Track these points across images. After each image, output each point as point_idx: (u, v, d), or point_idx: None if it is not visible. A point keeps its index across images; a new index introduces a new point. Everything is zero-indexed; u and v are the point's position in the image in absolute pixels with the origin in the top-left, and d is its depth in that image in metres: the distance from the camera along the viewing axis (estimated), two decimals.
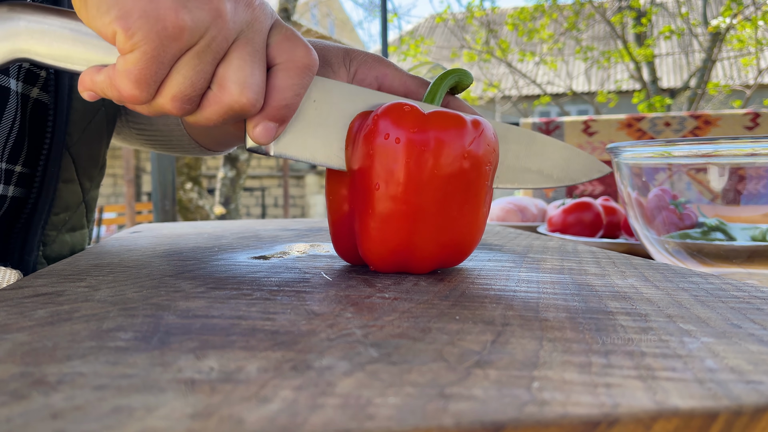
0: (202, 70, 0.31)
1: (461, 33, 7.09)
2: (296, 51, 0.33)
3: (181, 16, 0.29)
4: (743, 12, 5.13)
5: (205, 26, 0.30)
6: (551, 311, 0.28)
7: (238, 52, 0.31)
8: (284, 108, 0.34)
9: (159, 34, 0.29)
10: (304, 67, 0.33)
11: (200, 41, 0.30)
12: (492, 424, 0.16)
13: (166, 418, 0.16)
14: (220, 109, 0.33)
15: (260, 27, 0.32)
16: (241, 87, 0.32)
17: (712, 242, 0.54)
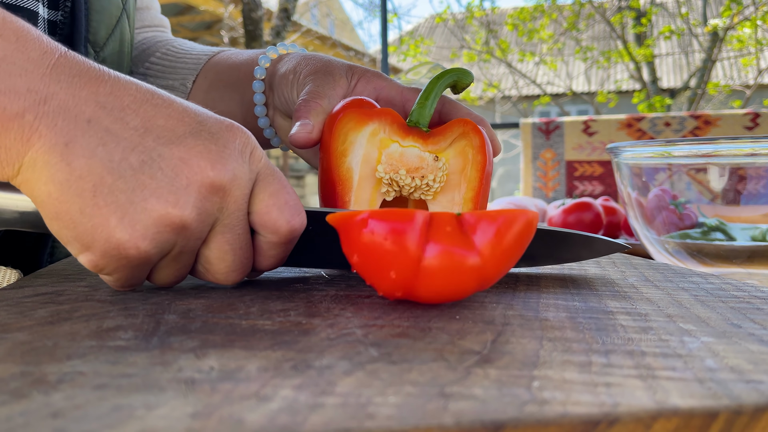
0: (182, 266, 0.30)
1: (461, 33, 7.09)
2: (282, 226, 0.30)
3: (143, 248, 0.27)
4: (743, 12, 5.13)
5: (171, 244, 0.28)
6: (551, 311, 0.28)
7: (217, 242, 0.29)
8: (270, 269, 0.33)
9: (126, 267, 0.28)
10: (290, 240, 0.31)
11: (171, 252, 0.28)
12: (492, 424, 0.16)
13: (166, 418, 0.16)
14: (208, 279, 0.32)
15: (236, 207, 0.29)
16: (225, 275, 0.31)
17: (712, 242, 0.54)
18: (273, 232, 0.30)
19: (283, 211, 0.30)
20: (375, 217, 0.26)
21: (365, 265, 0.28)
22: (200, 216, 0.27)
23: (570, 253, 0.39)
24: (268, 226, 0.30)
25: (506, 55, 6.62)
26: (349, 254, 0.28)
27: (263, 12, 4.54)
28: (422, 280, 0.26)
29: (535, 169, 1.53)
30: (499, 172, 7.41)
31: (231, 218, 0.29)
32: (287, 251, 0.32)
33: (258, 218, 0.30)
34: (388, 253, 0.26)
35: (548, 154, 1.52)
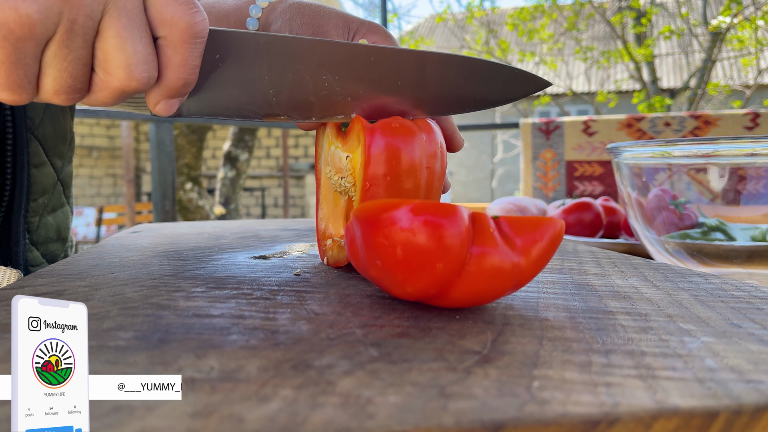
0: (75, 58, 0.27)
1: (461, 33, 7.09)
2: (179, 17, 0.28)
3: (25, 12, 0.25)
4: (743, 12, 5.13)
5: (57, 11, 0.25)
6: (551, 311, 0.28)
7: (113, 27, 0.27)
8: (181, 86, 0.31)
9: (7, 39, 0.25)
10: (193, 37, 0.29)
11: (59, 29, 0.26)
12: (492, 423, 0.16)
13: (166, 417, 0.16)
14: (112, 93, 0.29)
15: None
16: (126, 70, 0.28)
17: (712, 242, 0.54)
18: (172, 26, 0.29)
19: (182, 4, 0.29)
20: (419, 212, 0.25)
21: (395, 261, 0.26)
22: None
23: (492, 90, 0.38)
24: (166, 19, 0.28)
25: (506, 55, 6.62)
26: (375, 249, 0.26)
27: None
28: (464, 280, 0.26)
29: (535, 169, 1.53)
30: (500, 172, 7.41)
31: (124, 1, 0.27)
32: (193, 57, 0.30)
33: (155, 12, 0.28)
34: (432, 250, 0.25)
35: (548, 154, 1.52)
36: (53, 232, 0.55)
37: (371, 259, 0.27)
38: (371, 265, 0.27)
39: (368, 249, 0.27)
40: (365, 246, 0.27)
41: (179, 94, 0.32)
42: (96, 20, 0.27)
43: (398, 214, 0.25)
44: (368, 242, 0.27)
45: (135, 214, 4.12)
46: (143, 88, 0.30)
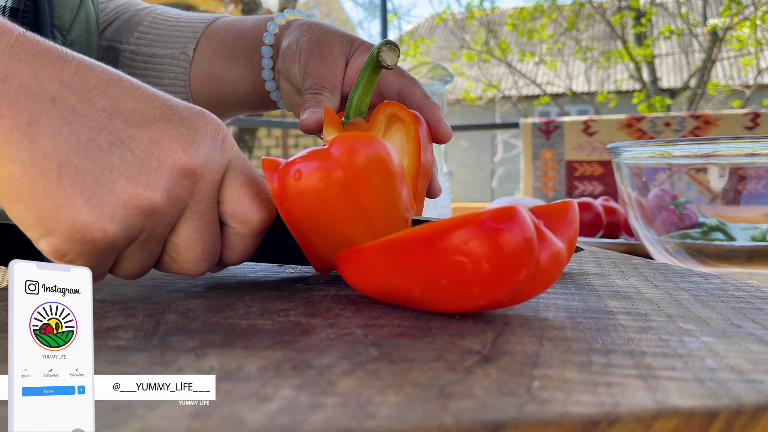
0: (149, 256, 0.28)
1: (461, 33, 7.09)
2: (251, 218, 0.30)
3: (110, 231, 0.25)
4: (743, 12, 5.13)
5: (139, 228, 0.26)
6: (551, 311, 0.28)
7: (186, 229, 0.28)
8: (237, 263, 0.32)
9: (91, 252, 0.26)
10: (259, 233, 0.31)
11: (138, 238, 0.27)
12: (492, 423, 0.16)
13: (166, 417, 0.16)
14: (174, 271, 0.30)
15: (207, 194, 0.28)
16: (192, 264, 0.29)
17: (712, 242, 0.54)
18: (243, 222, 0.30)
19: (255, 202, 0.30)
20: (499, 221, 0.23)
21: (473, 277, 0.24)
22: (171, 200, 0.26)
23: None
24: (238, 217, 0.29)
25: (506, 55, 6.62)
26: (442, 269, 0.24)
27: (263, 12, 4.54)
28: (536, 280, 0.25)
29: (535, 169, 1.53)
30: (500, 172, 7.41)
31: (201, 205, 0.28)
32: (256, 244, 0.31)
33: (228, 208, 0.29)
34: (519, 257, 0.23)
35: (548, 154, 1.52)
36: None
37: (426, 280, 0.25)
38: (422, 286, 0.26)
39: (424, 271, 0.25)
40: (419, 269, 0.25)
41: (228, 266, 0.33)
42: (172, 225, 0.28)
43: (477, 228, 0.24)
44: (425, 264, 0.25)
45: None
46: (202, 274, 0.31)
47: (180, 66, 0.53)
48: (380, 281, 0.28)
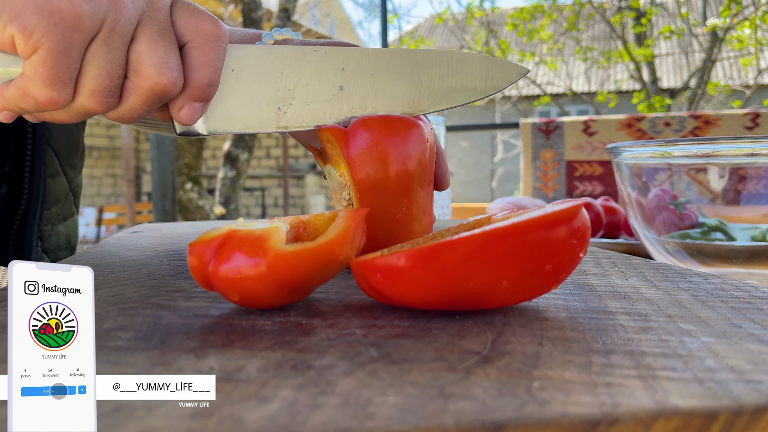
0: (114, 57, 0.30)
1: (461, 33, 7.09)
2: (203, 25, 0.32)
3: (77, 3, 0.28)
4: (742, 12, 5.13)
5: (103, 10, 0.29)
6: (551, 311, 0.28)
7: (146, 33, 0.31)
8: (206, 86, 0.33)
9: (58, 26, 0.28)
10: (216, 40, 0.33)
11: (103, 27, 0.29)
12: (492, 424, 0.16)
13: (166, 418, 0.16)
14: (141, 96, 0.31)
15: (161, 4, 0.31)
16: (158, 68, 0.31)
17: (712, 242, 0.54)
18: (197, 29, 0.32)
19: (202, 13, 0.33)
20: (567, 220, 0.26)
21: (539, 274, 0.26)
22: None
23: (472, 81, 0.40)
24: (191, 26, 0.32)
25: (506, 55, 6.62)
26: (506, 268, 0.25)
27: (263, 12, 4.55)
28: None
29: (535, 169, 1.53)
30: (500, 172, 7.41)
31: (156, 12, 0.31)
32: (216, 58, 0.33)
33: (181, 21, 0.32)
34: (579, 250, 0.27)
35: (548, 154, 1.52)
36: (63, 240, 0.56)
37: (525, 270, 0.26)
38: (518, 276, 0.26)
39: (526, 259, 0.25)
40: (519, 259, 0.25)
41: (203, 97, 0.33)
42: (133, 26, 0.30)
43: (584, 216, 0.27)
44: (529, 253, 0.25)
45: (135, 214, 4.12)
46: (171, 90, 0.32)
47: None
48: (458, 281, 0.25)
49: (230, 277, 0.26)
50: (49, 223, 0.54)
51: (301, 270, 0.26)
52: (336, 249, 0.27)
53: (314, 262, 0.26)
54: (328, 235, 0.27)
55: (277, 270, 0.25)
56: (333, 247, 0.26)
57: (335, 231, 0.27)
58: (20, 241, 0.50)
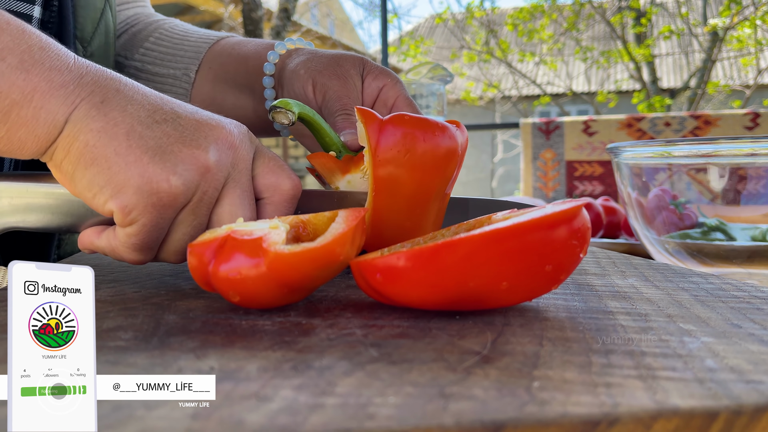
0: (198, 224, 0.32)
1: (461, 33, 7.08)
2: (281, 185, 0.34)
3: (174, 183, 0.29)
4: (742, 12, 5.13)
5: (195, 184, 0.30)
6: (551, 311, 0.28)
7: (229, 198, 0.32)
8: None
9: (155, 206, 0.29)
10: (290, 199, 0.35)
11: (193, 198, 0.31)
12: (492, 424, 0.16)
13: (166, 418, 0.16)
14: None
15: (245, 166, 0.33)
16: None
17: (712, 242, 0.54)
18: (274, 190, 0.34)
19: (283, 171, 0.34)
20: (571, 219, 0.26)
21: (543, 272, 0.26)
22: (218, 163, 0.31)
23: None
24: (270, 186, 0.34)
25: (506, 55, 6.62)
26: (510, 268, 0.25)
27: (263, 12, 4.54)
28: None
29: (535, 169, 1.53)
30: (500, 172, 7.41)
31: (240, 174, 0.33)
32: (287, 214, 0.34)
33: (261, 179, 0.34)
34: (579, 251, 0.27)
35: (548, 154, 1.52)
36: (78, 246, 0.57)
37: (524, 270, 0.26)
38: (517, 276, 0.26)
39: (524, 260, 0.25)
40: (517, 260, 0.25)
41: None
42: (219, 191, 0.32)
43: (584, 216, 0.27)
44: (528, 253, 0.25)
45: None
46: None
47: (181, 87, 0.52)
48: (458, 281, 0.25)
49: (230, 278, 0.26)
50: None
51: (301, 270, 0.26)
52: (336, 250, 0.26)
53: (314, 262, 0.26)
54: (328, 236, 0.27)
55: (277, 270, 0.25)
56: (333, 248, 0.26)
57: (335, 232, 0.27)
58: (41, 248, 0.51)
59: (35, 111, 0.28)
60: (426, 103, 0.85)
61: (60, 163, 0.30)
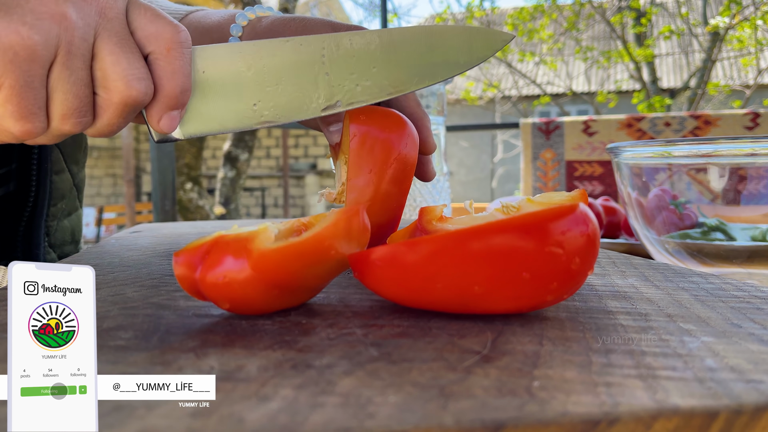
0: (77, 78, 0.30)
1: None
2: (164, 33, 0.32)
3: (25, 33, 0.28)
4: (743, 12, 5.13)
5: (54, 35, 0.28)
6: (551, 311, 0.28)
7: (106, 47, 0.30)
8: (179, 94, 0.33)
9: (14, 62, 0.28)
10: (179, 47, 0.32)
11: (59, 51, 0.29)
12: (492, 423, 0.16)
13: (166, 417, 0.16)
14: (115, 110, 0.32)
15: (115, 14, 0.30)
16: (125, 80, 0.31)
17: (712, 242, 0.54)
18: (158, 38, 0.31)
19: (161, 18, 0.32)
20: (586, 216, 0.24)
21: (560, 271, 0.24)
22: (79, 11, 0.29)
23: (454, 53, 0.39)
24: (151, 34, 0.31)
25: (506, 55, 6.62)
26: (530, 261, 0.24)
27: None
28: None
29: (535, 169, 1.53)
30: (500, 172, 7.41)
31: (112, 23, 0.30)
32: (183, 64, 0.32)
33: (141, 32, 0.31)
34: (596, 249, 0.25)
35: (548, 154, 1.52)
36: (68, 234, 0.57)
37: (498, 275, 0.24)
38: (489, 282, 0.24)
39: (499, 265, 0.24)
40: (492, 263, 0.24)
41: (179, 105, 0.33)
42: (90, 42, 0.30)
43: (574, 220, 0.23)
44: (503, 258, 0.24)
45: (135, 214, 4.12)
46: (142, 100, 0.31)
47: None
48: (425, 281, 0.25)
49: (217, 283, 0.24)
50: (55, 218, 0.55)
51: (288, 268, 0.25)
52: (324, 243, 0.25)
53: (301, 258, 0.25)
54: (315, 229, 0.25)
55: (262, 271, 0.24)
56: (320, 242, 0.25)
57: (323, 225, 0.26)
58: (28, 237, 0.51)
59: None
60: (426, 103, 0.85)
61: None
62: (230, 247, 0.25)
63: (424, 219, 0.35)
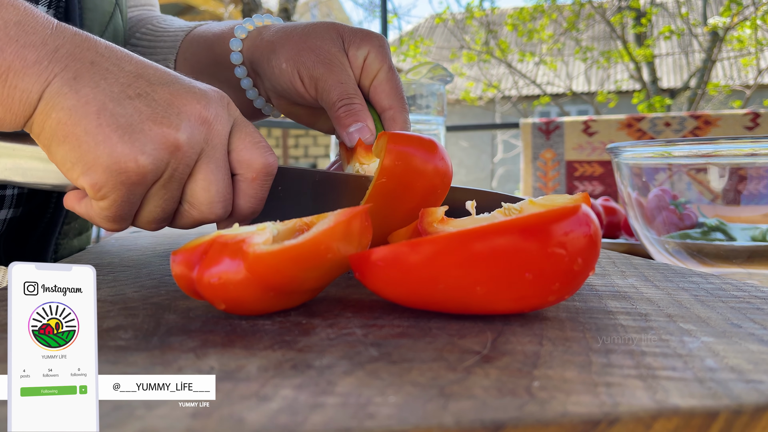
0: (170, 198, 0.33)
1: (461, 33, 7.08)
2: (254, 162, 0.34)
3: (141, 162, 0.30)
4: (743, 12, 5.13)
5: (165, 163, 0.31)
6: (551, 311, 0.28)
7: (202, 172, 0.33)
8: (250, 215, 0.36)
9: (124, 183, 0.30)
10: (265, 176, 0.35)
11: (163, 175, 0.31)
12: (492, 423, 0.16)
13: (166, 417, 0.16)
14: (190, 222, 0.35)
15: (219, 141, 0.33)
16: (209, 203, 0.33)
17: (712, 242, 0.54)
18: (249, 166, 0.34)
19: (258, 148, 0.34)
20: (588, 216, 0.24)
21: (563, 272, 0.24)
22: (190, 141, 0.31)
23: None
24: (244, 162, 0.34)
25: (506, 55, 6.62)
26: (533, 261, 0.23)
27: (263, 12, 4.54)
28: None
29: (535, 169, 1.53)
30: (500, 172, 7.41)
31: (214, 150, 0.33)
32: (263, 191, 0.35)
33: (236, 155, 0.34)
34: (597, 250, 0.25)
35: (548, 154, 1.52)
36: (75, 252, 0.57)
37: (500, 276, 0.24)
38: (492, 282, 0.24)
39: (501, 265, 0.24)
40: (494, 263, 0.24)
41: (245, 221, 0.36)
42: (191, 167, 0.32)
43: (577, 221, 0.24)
44: (505, 258, 0.24)
45: None
46: (218, 220, 0.35)
47: None
48: (427, 282, 0.25)
49: (213, 283, 0.24)
50: (66, 236, 0.55)
51: (284, 271, 0.24)
52: (321, 247, 0.25)
53: (297, 262, 0.25)
54: (312, 233, 0.25)
55: (257, 273, 0.24)
56: (317, 245, 0.25)
57: (321, 228, 0.25)
58: (37, 252, 0.51)
59: (10, 90, 0.29)
60: (426, 103, 0.85)
61: (38, 136, 0.30)
62: (227, 247, 0.25)
63: (425, 221, 0.35)
